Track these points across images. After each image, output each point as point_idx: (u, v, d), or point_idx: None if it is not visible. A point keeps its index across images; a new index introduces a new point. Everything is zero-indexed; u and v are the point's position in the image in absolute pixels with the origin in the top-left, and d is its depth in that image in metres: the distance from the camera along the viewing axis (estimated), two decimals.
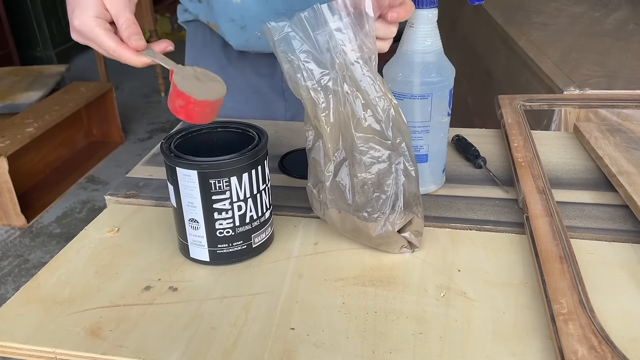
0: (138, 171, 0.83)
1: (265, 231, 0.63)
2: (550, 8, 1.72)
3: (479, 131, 0.93)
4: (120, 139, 3.03)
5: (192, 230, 0.61)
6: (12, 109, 2.72)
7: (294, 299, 0.57)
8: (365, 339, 0.52)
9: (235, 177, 0.58)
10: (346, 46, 0.56)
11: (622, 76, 1.20)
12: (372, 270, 0.61)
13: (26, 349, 0.53)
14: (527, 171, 0.74)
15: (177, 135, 0.62)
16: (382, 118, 0.58)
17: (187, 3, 1.00)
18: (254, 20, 0.92)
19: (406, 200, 0.60)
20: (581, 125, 0.88)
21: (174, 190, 0.60)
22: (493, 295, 0.57)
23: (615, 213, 0.69)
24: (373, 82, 0.57)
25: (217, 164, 0.57)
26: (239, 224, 0.60)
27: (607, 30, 1.52)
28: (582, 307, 0.52)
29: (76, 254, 0.66)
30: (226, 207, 0.59)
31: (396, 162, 0.59)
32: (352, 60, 0.56)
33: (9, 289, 2.00)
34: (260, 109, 1.05)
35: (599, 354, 0.47)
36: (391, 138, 0.59)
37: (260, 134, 0.63)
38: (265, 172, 0.61)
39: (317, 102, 0.57)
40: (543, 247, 0.60)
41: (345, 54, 0.56)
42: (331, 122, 0.58)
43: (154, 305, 0.57)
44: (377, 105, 0.58)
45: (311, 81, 0.57)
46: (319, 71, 0.57)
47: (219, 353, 0.51)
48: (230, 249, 0.61)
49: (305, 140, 0.63)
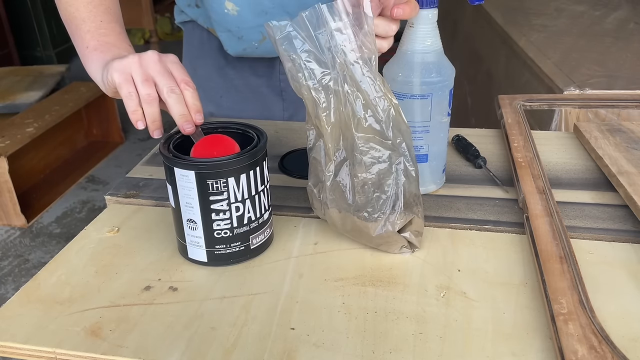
0: (138, 171, 0.83)
1: (263, 232, 0.63)
2: (550, 9, 1.72)
3: (479, 131, 0.93)
4: (120, 139, 3.03)
5: (190, 231, 0.60)
6: (12, 109, 2.72)
7: (294, 299, 0.57)
8: (365, 339, 0.52)
9: (233, 178, 0.58)
10: (346, 46, 0.56)
11: (622, 76, 1.20)
12: (372, 270, 0.61)
13: (26, 349, 0.53)
14: (527, 171, 0.74)
15: (176, 135, 0.62)
16: (382, 118, 0.58)
17: (185, 8, 1.01)
18: (251, 31, 0.92)
19: (406, 200, 0.60)
20: (581, 125, 0.88)
21: (172, 191, 0.60)
22: (493, 295, 0.57)
23: (615, 213, 0.69)
24: (373, 82, 0.57)
25: (215, 164, 0.57)
26: (237, 225, 0.60)
27: (607, 30, 1.51)
28: (582, 307, 0.52)
29: (76, 254, 0.66)
30: (224, 208, 0.59)
31: (396, 162, 0.59)
32: (352, 60, 0.56)
33: (9, 289, 2.00)
34: (258, 109, 1.05)
35: (599, 354, 0.47)
36: (391, 138, 0.59)
37: (260, 135, 0.62)
38: (264, 173, 0.61)
39: (318, 102, 0.57)
40: (543, 247, 0.60)
41: (345, 55, 0.56)
42: (332, 122, 0.58)
43: (154, 305, 0.57)
44: (377, 105, 0.58)
45: (312, 81, 0.57)
46: (320, 71, 0.57)
47: (219, 353, 0.51)
48: (228, 250, 0.61)
49: (306, 139, 0.63)
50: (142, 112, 0.60)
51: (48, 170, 2.68)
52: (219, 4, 0.90)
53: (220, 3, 0.90)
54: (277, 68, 1.02)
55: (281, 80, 1.03)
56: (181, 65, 0.63)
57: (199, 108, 0.61)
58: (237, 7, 0.89)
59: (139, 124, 0.60)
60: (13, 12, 3.83)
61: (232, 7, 0.90)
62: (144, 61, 0.61)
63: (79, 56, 0.70)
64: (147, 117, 0.60)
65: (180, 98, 0.60)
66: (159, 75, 0.60)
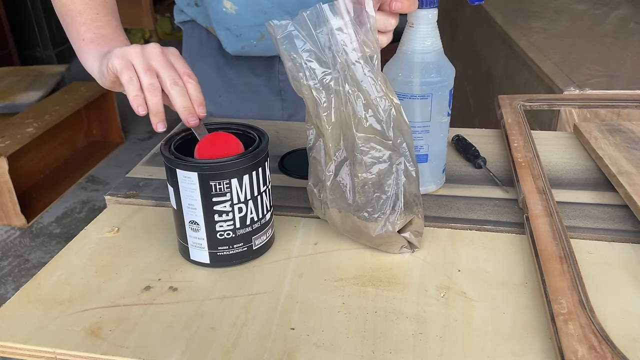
0: (138, 171, 0.83)
1: (265, 233, 0.63)
2: (550, 11, 1.72)
3: (479, 131, 0.93)
4: (120, 139, 3.03)
5: (193, 233, 0.60)
6: (12, 109, 2.72)
7: (294, 299, 0.57)
8: (365, 339, 0.52)
9: (236, 179, 0.58)
10: (347, 46, 0.56)
11: (622, 76, 1.20)
12: (372, 270, 0.61)
13: (26, 349, 0.53)
14: (527, 171, 0.74)
15: (177, 136, 0.62)
16: (383, 118, 0.58)
17: (185, 7, 1.01)
18: (250, 30, 0.92)
19: (406, 200, 0.60)
20: (581, 125, 0.88)
21: (174, 192, 0.60)
22: (493, 295, 0.57)
23: (615, 213, 0.69)
24: (374, 82, 0.57)
25: (218, 165, 0.57)
26: (240, 226, 0.60)
27: (607, 30, 1.51)
28: (582, 307, 0.52)
29: (76, 254, 0.66)
30: (227, 209, 0.59)
31: (397, 163, 0.59)
32: (354, 60, 0.56)
33: (9, 289, 2.00)
34: (257, 109, 1.05)
35: (599, 354, 0.47)
36: (392, 138, 0.59)
37: (261, 135, 0.62)
38: (265, 173, 0.61)
39: (319, 102, 0.57)
40: (543, 247, 0.60)
41: (346, 54, 0.56)
42: (332, 122, 0.58)
43: (154, 305, 0.57)
44: (378, 105, 0.58)
45: (313, 80, 0.57)
46: (321, 70, 0.57)
47: (219, 353, 0.51)
48: (230, 251, 0.61)
49: (306, 139, 0.63)
50: (144, 98, 0.59)
51: (48, 170, 2.68)
52: (217, 2, 0.90)
53: (218, 2, 0.90)
54: (276, 68, 1.02)
55: (280, 80, 1.03)
56: (182, 59, 0.62)
57: (201, 101, 0.60)
58: (235, 6, 0.90)
59: (140, 110, 0.59)
60: (13, 12, 3.83)
61: (230, 6, 0.90)
62: (146, 52, 0.60)
63: (74, 49, 0.69)
64: (150, 107, 0.59)
65: (184, 90, 0.59)
66: (162, 67, 0.60)
